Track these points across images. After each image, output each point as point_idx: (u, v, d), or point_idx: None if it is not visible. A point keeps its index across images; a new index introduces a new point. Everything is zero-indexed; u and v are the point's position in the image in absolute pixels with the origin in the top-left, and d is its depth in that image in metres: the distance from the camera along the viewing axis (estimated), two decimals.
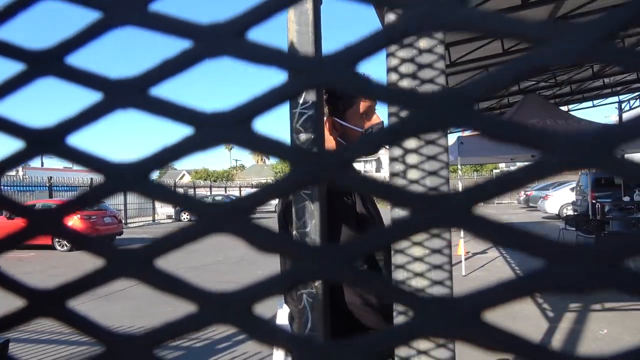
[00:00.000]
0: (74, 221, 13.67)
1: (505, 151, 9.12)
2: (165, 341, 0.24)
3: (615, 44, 0.20)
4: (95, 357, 0.24)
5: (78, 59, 0.27)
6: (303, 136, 1.25)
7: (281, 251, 0.23)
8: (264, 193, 0.23)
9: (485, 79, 0.21)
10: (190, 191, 31.31)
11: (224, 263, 10.35)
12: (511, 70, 0.20)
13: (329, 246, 0.22)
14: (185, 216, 25.86)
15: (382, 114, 1.85)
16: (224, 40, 0.24)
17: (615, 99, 14.37)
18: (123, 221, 19.04)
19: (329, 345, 0.21)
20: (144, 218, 25.52)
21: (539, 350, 0.19)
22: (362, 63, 0.24)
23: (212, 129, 0.23)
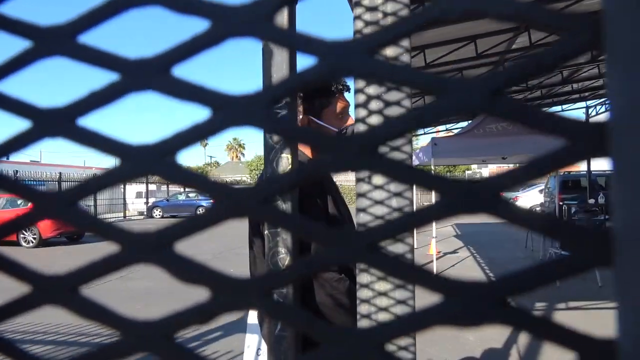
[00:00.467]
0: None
1: (477, 153, 9.32)
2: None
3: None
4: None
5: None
6: (276, 136, 1.25)
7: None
8: (189, 135, 0.23)
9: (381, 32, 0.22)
10: (163, 187, 30.75)
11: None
12: (406, 119, 0.22)
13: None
14: (157, 213, 25.42)
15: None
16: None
17: (583, 104, 14.83)
18: None
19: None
20: (115, 214, 24.97)
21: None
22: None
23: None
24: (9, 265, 0.27)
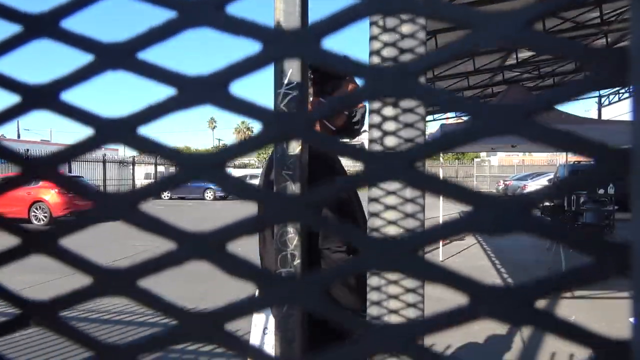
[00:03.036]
0: (51, 196, 13.46)
1: (486, 140, 9.23)
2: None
3: (536, 30, 0.23)
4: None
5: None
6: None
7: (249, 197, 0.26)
8: (241, 147, 0.26)
9: (425, 57, 0.24)
10: (172, 168, 30.83)
11: None
12: (448, 50, 0.24)
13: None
14: (165, 195, 25.61)
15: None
16: (205, 11, 0.27)
17: (596, 93, 14.61)
18: None
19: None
20: None
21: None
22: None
23: (193, 90, 0.26)
24: (73, 259, 0.29)
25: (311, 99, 1.69)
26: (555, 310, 5.29)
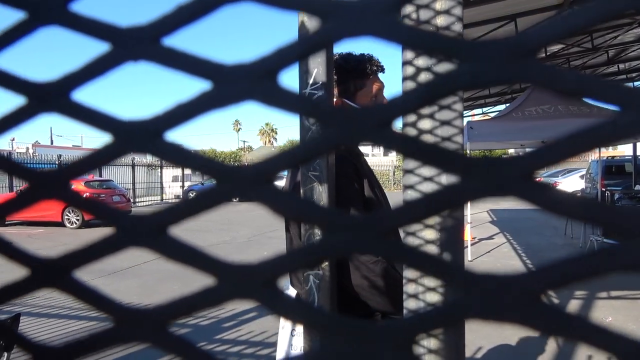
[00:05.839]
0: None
1: (514, 137, 9.02)
2: (181, 316, 0.22)
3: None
4: (105, 332, 0.22)
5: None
6: (312, 119, 1.24)
7: (306, 218, 0.20)
8: (288, 157, 0.20)
9: (542, 28, 0.18)
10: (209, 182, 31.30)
11: (230, 243, 10.40)
12: (575, 17, 0.18)
13: (361, 217, 0.19)
14: (190, 195, 25.93)
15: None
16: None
17: (629, 85, 14.12)
18: (131, 200, 19.20)
19: (364, 325, 0.19)
20: (153, 197, 25.71)
21: (602, 332, 0.16)
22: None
23: (232, 84, 0.21)
24: (95, 207, 0.25)
25: (334, 99, 1.65)
26: (589, 312, 5.11)
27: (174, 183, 30.12)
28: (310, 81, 1.31)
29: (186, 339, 0.22)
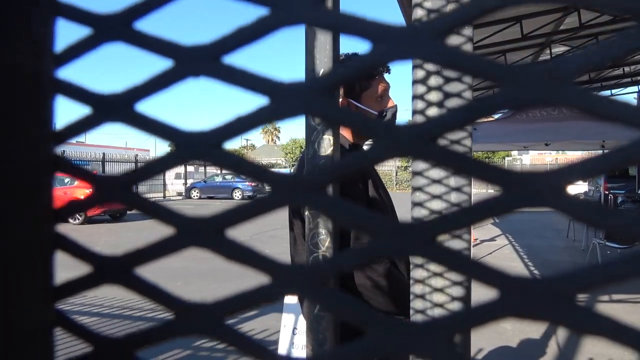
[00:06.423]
0: (83, 195, 13.90)
1: (518, 138, 9.03)
2: (237, 311, 0.24)
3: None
4: (166, 324, 0.24)
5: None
6: (317, 118, 1.25)
7: (360, 225, 0.22)
8: (345, 167, 0.22)
9: (578, 57, 0.20)
10: (201, 169, 31.42)
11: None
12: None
13: (408, 224, 0.21)
14: (195, 194, 26.00)
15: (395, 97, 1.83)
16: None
17: (635, 88, 14.08)
18: None
19: (405, 324, 0.21)
20: (155, 194, 25.78)
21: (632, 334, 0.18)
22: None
23: (289, 99, 0.23)
24: (156, 210, 0.27)
25: (340, 100, 1.66)
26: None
27: (176, 180, 30.19)
28: None
29: (241, 332, 0.24)
